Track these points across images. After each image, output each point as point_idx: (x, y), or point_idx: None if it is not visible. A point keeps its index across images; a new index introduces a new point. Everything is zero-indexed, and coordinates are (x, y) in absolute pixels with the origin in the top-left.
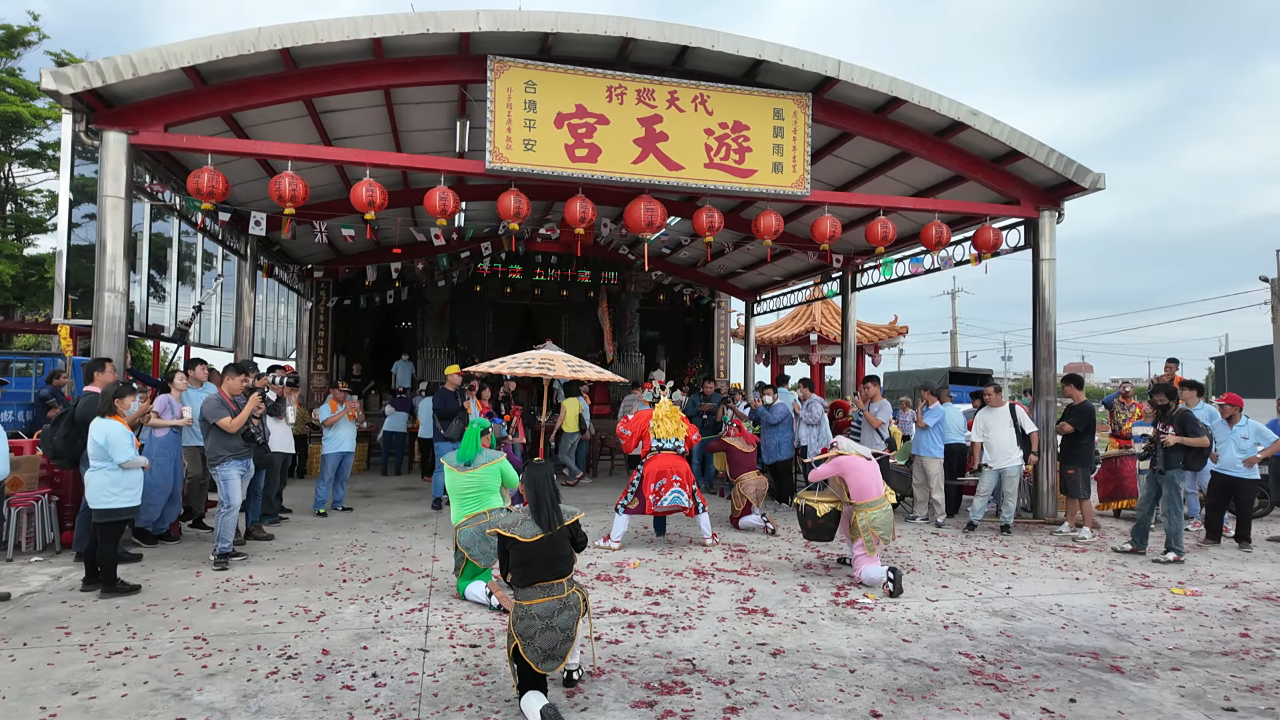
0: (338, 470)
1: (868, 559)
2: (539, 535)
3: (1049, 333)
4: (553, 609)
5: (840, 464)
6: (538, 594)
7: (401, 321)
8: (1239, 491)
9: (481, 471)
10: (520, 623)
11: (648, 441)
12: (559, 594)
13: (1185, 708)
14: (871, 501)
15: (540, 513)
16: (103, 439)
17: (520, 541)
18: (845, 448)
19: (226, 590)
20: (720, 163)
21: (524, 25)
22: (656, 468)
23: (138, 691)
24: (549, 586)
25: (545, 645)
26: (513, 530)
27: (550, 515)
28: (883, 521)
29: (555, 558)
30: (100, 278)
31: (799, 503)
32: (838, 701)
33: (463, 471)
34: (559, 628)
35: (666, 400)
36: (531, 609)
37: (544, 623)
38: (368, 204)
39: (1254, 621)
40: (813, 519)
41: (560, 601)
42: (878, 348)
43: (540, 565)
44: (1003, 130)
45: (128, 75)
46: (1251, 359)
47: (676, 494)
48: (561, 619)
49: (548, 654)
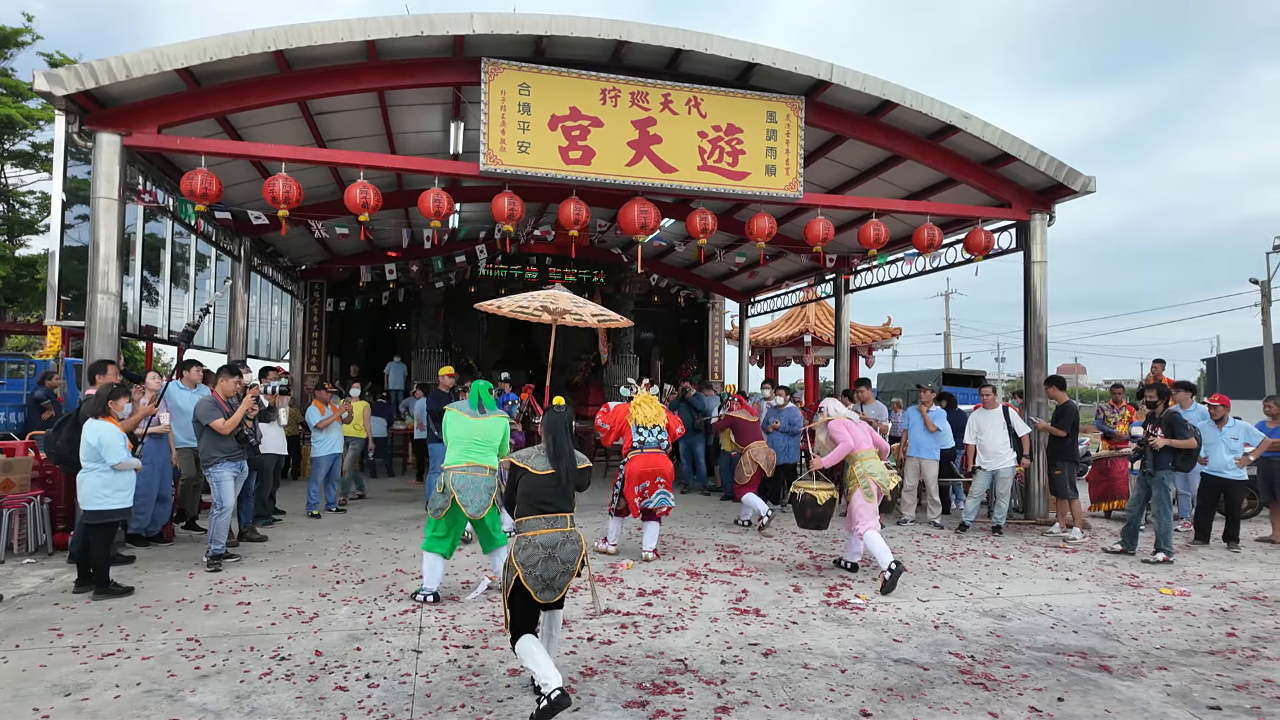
0: (329, 472)
1: (868, 513)
2: (548, 470)
3: (1040, 335)
4: (556, 540)
5: (837, 429)
6: (542, 524)
7: (396, 323)
8: (1229, 492)
9: (490, 421)
10: (522, 552)
11: (628, 435)
12: (562, 527)
13: (1171, 706)
14: (865, 452)
15: (559, 458)
16: (95, 440)
17: (531, 472)
18: (833, 410)
19: (220, 592)
20: (714, 165)
21: (518, 28)
22: (639, 469)
23: (130, 693)
24: (554, 519)
25: (546, 575)
26: (526, 461)
27: (566, 460)
28: (879, 470)
29: (559, 493)
30: (93, 279)
31: (796, 491)
32: (828, 701)
33: (473, 417)
34: (561, 559)
35: (643, 390)
36: (535, 539)
37: (547, 552)
38: (361, 206)
39: (1241, 621)
40: (812, 507)
41: (564, 534)
42: (871, 349)
43: (547, 496)
44: (994, 133)
45: (121, 77)
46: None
47: (663, 494)
48: (564, 551)
49: (547, 584)
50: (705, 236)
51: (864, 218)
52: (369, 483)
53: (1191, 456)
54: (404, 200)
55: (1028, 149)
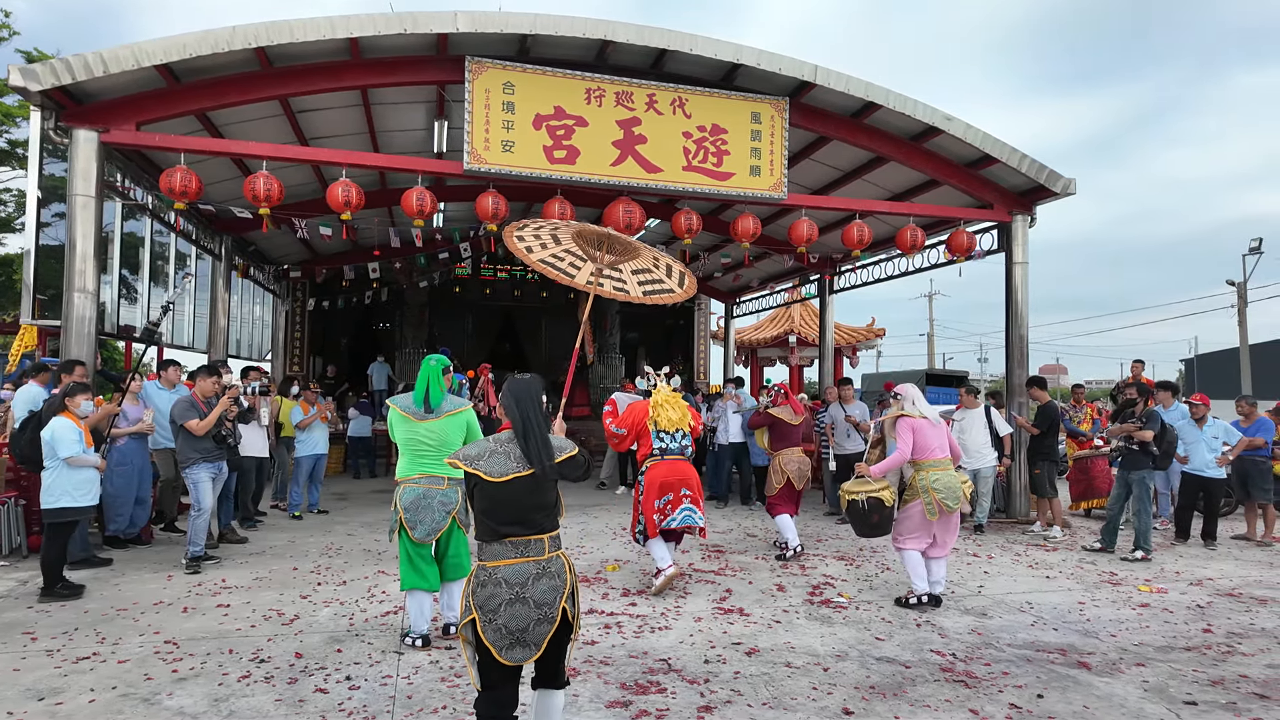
0: (312, 473)
1: (919, 529)
2: (512, 474)
3: (1022, 335)
4: (526, 574)
5: (901, 431)
6: (506, 552)
7: (379, 323)
8: (1209, 491)
9: (444, 422)
10: (480, 590)
11: (646, 440)
12: (536, 554)
13: (1148, 702)
14: (936, 461)
15: (529, 442)
16: (49, 435)
17: (485, 480)
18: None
19: (198, 594)
20: (699, 165)
21: (502, 27)
22: (658, 479)
23: (105, 697)
24: (523, 544)
25: (513, 624)
26: (477, 465)
27: (540, 448)
28: (947, 486)
29: (533, 505)
30: (70, 278)
31: (856, 498)
32: (810, 700)
33: (420, 420)
34: (534, 601)
35: (664, 385)
36: (497, 572)
37: (513, 591)
38: (344, 204)
39: (1217, 617)
40: (880, 512)
41: (539, 565)
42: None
43: (510, 512)
44: (976, 135)
45: (98, 73)
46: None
47: (688, 511)
48: (539, 589)
49: (516, 638)
50: (690, 237)
51: (848, 219)
52: (350, 485)
53: (1169, 455)
54: (387, 199)
55: (1009, 151)
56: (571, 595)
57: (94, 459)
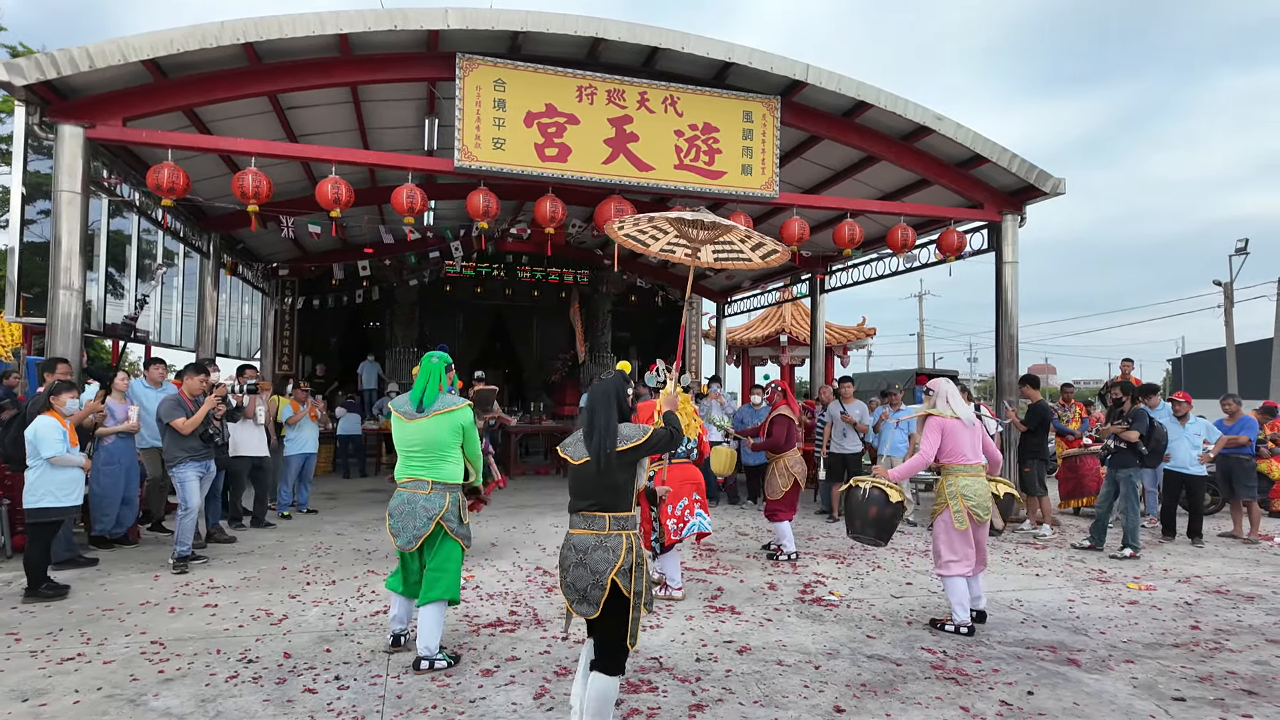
0: (301, 471)
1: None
2: (582, 459)
3: (1012, 334)
4: (588, 544)
5: (929, 430)
6: (580, 524)
7: (369, 322)
8: (1191, 488)
9: (433, 422)
10: (561, 551)
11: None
12: (599, 529)
13: (1138, 698)
14: (966, 466)
15: (592, 438)
16: (32, 434)
17: (570, 462)
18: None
19: (186, 594)
20: (690, 164)
21: (494, 24)
22: (674, 481)
23: (91, 698)
24: (591, 518)
25: (578, 584)
26: (565, 450)
27: (600, 440)
28: (978, 493)
29: (600, 487)
30: (55, 275)
31: (861, 485)
32: (802, 698)
33: (410, 420)
34: (590, 568)
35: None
36: (571, 538)
37: (578, 556)
38: (333, 202)
39: (1204, 615)
40: (879, 507)
41: (598, 539)
42: (846, 349)
43: (585, 491)
44: (966, 135)
45: (84, 67)
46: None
47: (699, 518)
48: (595, 558)
49: (580, 595)
50: None
51: (839, 218)
52: (340, 484)
53: (1158, 454)
54: (377, 197)
55: (999, 150)
56: (626, 571)
57: (78, 458)
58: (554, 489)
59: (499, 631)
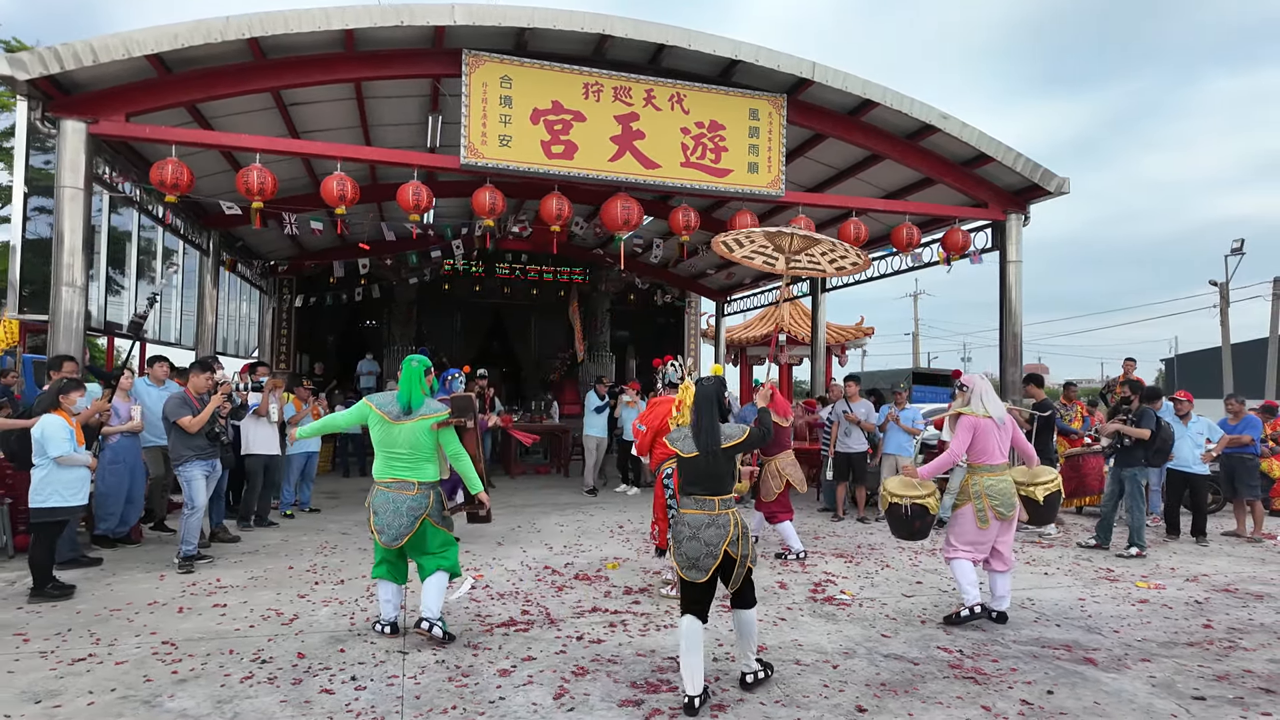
0: (303, 470)
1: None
2: (692, 453)
3: (1015, 333)
4: (701, 522)
5: (961, 429)
6: (691, 505)
7: (367, 320)
8: (1194, 486)
9: (419, 424)
10: (674, 527)
11: (661, 444)
12: (709, 510)
13: (1157, 698)
14: (991, 465)
15: (700, 435)
16: (39, 433)
17: (680, 457)
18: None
19: (193, 594)
20: (696, 162)
21: (500, 20)
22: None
23: (105, 699)
24: (702, 500)
25: (690, 554)
26: (676, 444)
27: (708, 439)
28: (1001, 492)
29: (708, 475)
30: (57, 272)
31: (900, 503)
32: (822, 697)
33: (396, 421)
34: (705, 541)
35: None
36: (683, 516)
37: (692, 531)
38: (339, 199)
39: (1215, 613)
40: (922, 519)
41: (710, 517)
42: (844, 348)
43: (695, 479)
44: (972, 134)
45: (88, 62)
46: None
47: None
48: (708, 533)
49: (692, 563)
50: (688, 234)
51: (842, 217)
52: (340, 483)
53: (1163, 452)
54: (377, 194)
55: (1004, 149)
56: (734, 541)
57: (85, 458)
58: (556, 488)
59: (512, 631)
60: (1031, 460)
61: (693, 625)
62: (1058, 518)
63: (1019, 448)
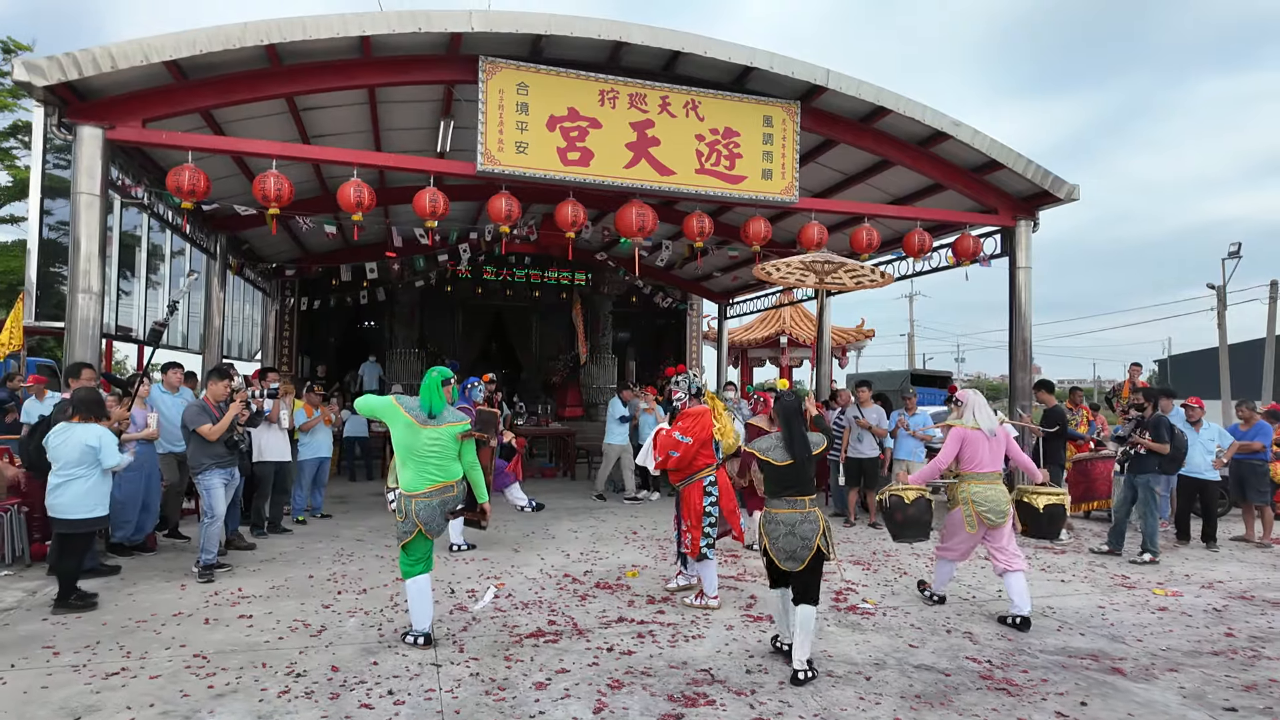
0: (315, 476)
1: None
2: (785, 462)
3: (1025, 338)
4: (795, 519)
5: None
6: (784, 505)
7: (367, 322)
8: (1205, 492)
9: (446, 430)
10: (769, 526)
11: (709, 450)
12: (802, 508)
13: (1190, 709)
14: (981, 474)
15: (793, 445)
16: (96, 442)
17: (773, 464)
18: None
19: (216, 604)
20: (711, 168)
21: (516, 26)
22: (728, 489)
23: (144, 714)
24: (795, 500)
25: (787, 548)
26: (768, 454)
27: (800, 447)
28: (992, 499)
29: (798, 479)
30: (74, 278)
31: (883, 496)
32: (860, 710)
33: (424, 425)
34: (800, 535)
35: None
36: (777, 516)
37: (787, 528)
38: (355, 204)
39: (1236, 621)
40: (902, 510)
41: (802, 514)
42: (845, 350)
43: (788, 483)
44: (983, 141)
45: (106, 68)
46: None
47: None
48: (803, 529)
49: (789, 555)
50: (702, 239)
51: (851, 222)
52: (348, 487)
53: (1176, 459)
54: (386, 198)
55: (1015, 156)
56: (824, 535)
57: (128, 458)
58: (563, 492)
59: (542, 642)
60: (1031, 473)
61: (785, 593)
62: (1068, 523)
63: (1016, 461)
